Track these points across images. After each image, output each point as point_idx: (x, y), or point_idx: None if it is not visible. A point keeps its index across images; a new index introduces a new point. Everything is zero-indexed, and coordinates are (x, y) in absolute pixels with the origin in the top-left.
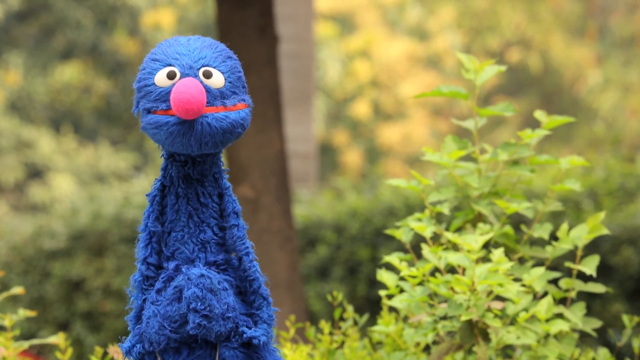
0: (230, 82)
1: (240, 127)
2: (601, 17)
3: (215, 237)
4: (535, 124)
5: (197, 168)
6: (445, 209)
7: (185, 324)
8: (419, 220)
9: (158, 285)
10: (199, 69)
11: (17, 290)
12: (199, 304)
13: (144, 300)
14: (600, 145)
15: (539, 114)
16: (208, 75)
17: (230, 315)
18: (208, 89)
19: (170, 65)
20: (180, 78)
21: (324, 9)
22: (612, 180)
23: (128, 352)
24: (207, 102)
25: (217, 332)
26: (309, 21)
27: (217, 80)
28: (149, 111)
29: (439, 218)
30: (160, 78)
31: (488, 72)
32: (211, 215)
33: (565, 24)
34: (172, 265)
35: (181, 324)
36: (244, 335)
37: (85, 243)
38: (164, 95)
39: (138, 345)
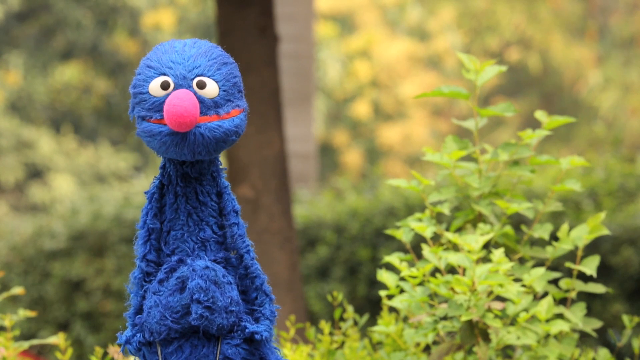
0: (224, 91)
1: (234, 134)
2: (601, 17)
3: (214, 236)
4: (535, 124)
5: (195, 167)
6: (445, 209)
7: (187, 315)
8: (419, 220)
9: (160, 275)
10: (193, 79)
11: (17, 290)
12: (202, 295)
13: (143, 296)
14: (601, 145)
15: (540, 114)
16: (202, 85)
17: (233, 309)
18: (201, 100)
19: (164, 74)
20: (174, 89)
21: (324, 9)
22: (612, 180)
23: (127, 342)
24: (201, 112)
25: (219, 324)
26: (309, 21)
27: (211, 90)
28: (143, 119)
29: (439, 218)
30: (154, 87)
31: (489, 73)
32: (210, 214)
33: (565, 24)
34: (175, 257)
35: (183, 315)
36: (246, 330)
37: (85, 243)
38: (158, 105)
39: (138, 335)
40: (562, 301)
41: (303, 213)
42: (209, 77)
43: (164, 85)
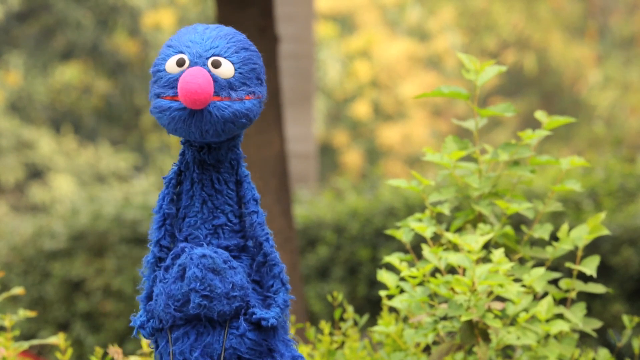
0: (240, 74)
1: (245, 117)
2: (601, 17)
3: (229, 224)
4: (534, 124)
5: (212, 154)
6: (445, 210)
7: (187, 303)
8: (419, 220)
9: (167, 262)
10: (209, 57)
11: (17, 290)
12: (199, 284)
13: (154, 279)
14: (601, 145)
15: (540, 115)
16: (217, 64)
17: (236, 294)
18: (215, 79)
19: (181, 52)
20: (189, 66)
21: (324, 9)
22: (612, 180)
23: (141, 327)
24: (215, 92)
25: (219, 311)
26: (309, 21)
27: (226, 70)
28: (158, 96)
29: (439, 218)
30: (170, 64)
31: (488, 73)
32: (226, 202)
33: (565, 24)
34: (181, 245)
35: (184, 303)
36: (254, 316)
37: (85, 243)
38: (172, 82)
39: (152, 321)
40: (562, 301)
41: (303, 213)
42: (225, 57)
43: (180, 63)
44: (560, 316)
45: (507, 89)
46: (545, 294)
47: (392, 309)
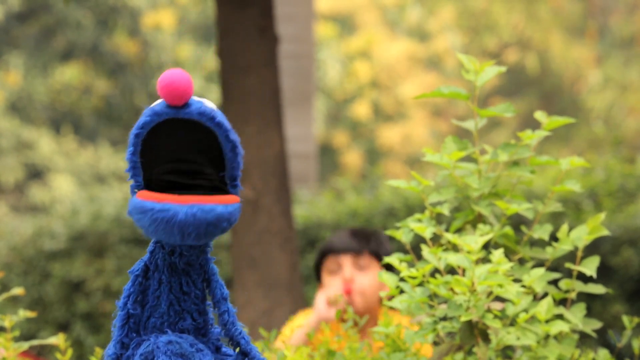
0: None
1: (226, 221)
2: (601, 17)
3: (194, 323)
4: (533, 125)
5: (183, 258)
6: (445, 210)
7: None
8: (419, 221)
9: (128, 352)
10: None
11: (17, 291)
12: None
13: None
14: (600, 145)
15: (539, 115)
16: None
17: None
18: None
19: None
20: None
21: (324, 10)
22: (612, 181)
23: None
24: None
25: None
26: (309, 22)
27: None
28: (134, 191)
29: (439, 219)
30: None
31: (488, 73)
32: (193, 302)
33: (565, 24)
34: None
35: None
36: None
37: (85, 244)
38: (153, 107)
39: None
40: (562, 302)
41: (303, 213)
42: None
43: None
44: (560, 317)
45: (507, 89)
46: (545, 295)
47: (392, 310)
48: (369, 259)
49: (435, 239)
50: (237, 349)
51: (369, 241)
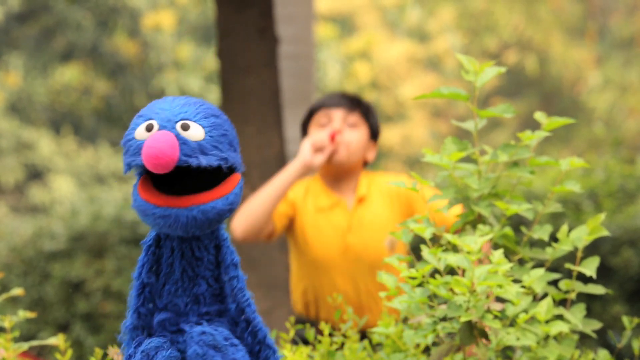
0: (211, 137)
1: (228, 212)
2: (601, 17)
3: (210, 289)
4: (533, 125)
5: None
6: (445, 210)
7: None
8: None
9: (130, 350)
10: (177, 122)
11: (17, 291)
12: None
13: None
14: (600, 146)
15: (539, 115)
16: (186, 127)
17: None
18: (185, 142)
19: (150, 119)
20: (157, 130)
21: (324, 10)
22: (612, 181)
23: None
24: (184, 154)
25: None
26: (309, 22)
27: (196, 133)
28: (129, 165)
29: None
30: (140, 131)
31: (488, 74)
32: (207, 268)
33: (565, 25)
34: (159, 317)
35: None
36: None
37: (85, 244)
38: (141, 149)
39: None
40: (562, 302)
41: None
42: (194, 121)
43: (149, 128)
44: (559, 317)
45: (506, 90)
46: (545, 295)
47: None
48: (359, 118)
49: (435, 239)
50: (242, 316)
51: (360, 103)
